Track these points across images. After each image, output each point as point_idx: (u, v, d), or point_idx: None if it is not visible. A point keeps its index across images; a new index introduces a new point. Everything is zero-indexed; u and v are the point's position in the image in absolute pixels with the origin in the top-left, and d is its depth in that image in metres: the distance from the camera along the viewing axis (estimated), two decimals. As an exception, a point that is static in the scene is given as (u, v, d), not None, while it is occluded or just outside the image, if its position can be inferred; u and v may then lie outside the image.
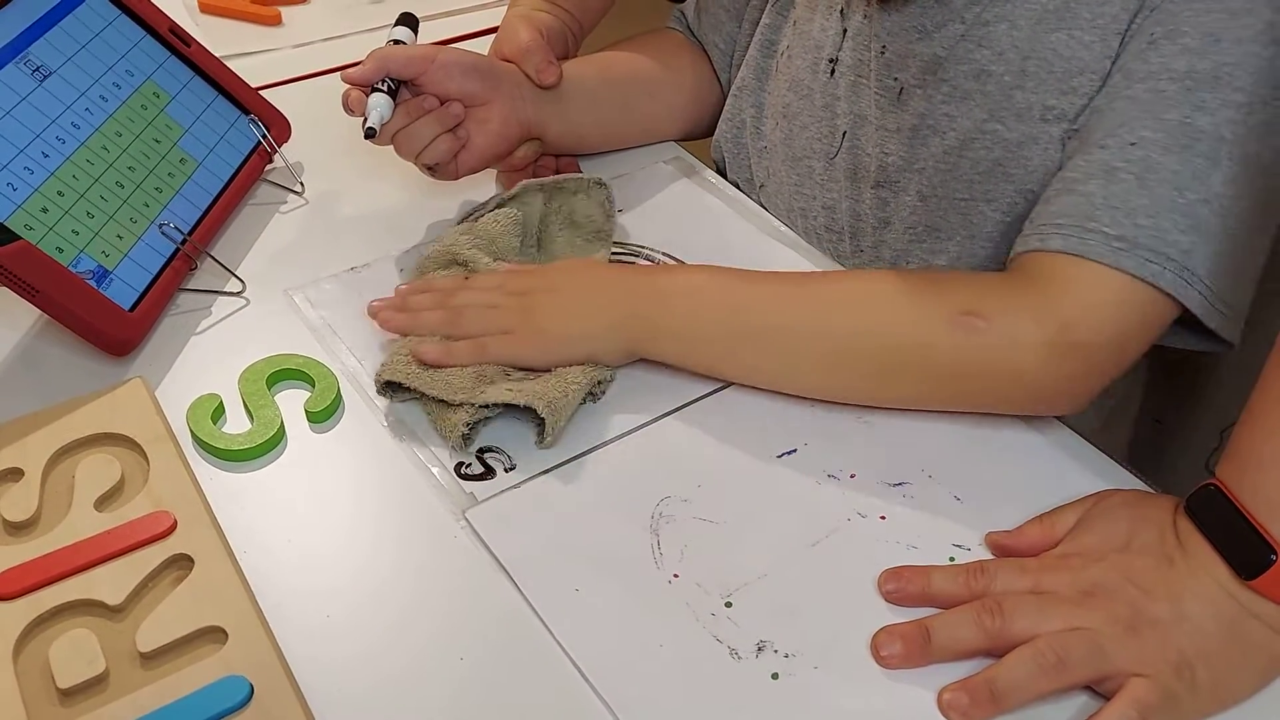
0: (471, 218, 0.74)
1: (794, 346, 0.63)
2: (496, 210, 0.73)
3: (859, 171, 0.75)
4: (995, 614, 0.50)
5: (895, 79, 0.71)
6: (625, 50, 0.87)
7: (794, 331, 0.62)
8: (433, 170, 0.74)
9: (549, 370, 0.63)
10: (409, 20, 0.78)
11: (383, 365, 0.63)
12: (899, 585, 0.54)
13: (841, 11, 0.75)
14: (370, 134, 0.69)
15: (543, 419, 0.60)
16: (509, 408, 0.61)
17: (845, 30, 0.74)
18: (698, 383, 0.65)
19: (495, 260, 0.70)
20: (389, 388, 0.63)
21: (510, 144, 0.77)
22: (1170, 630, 0.49)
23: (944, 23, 0.67)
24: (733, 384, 0.65)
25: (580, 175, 0.76)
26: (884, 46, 0.71)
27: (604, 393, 0.64)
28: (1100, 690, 0.50)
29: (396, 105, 0.71)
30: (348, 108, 0.71)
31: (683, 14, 0.91)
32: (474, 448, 0.61)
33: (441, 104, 0.73)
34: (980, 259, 0.70)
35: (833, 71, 0.75)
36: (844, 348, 0.62)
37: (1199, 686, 0.48)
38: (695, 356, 0.64)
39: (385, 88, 0.71)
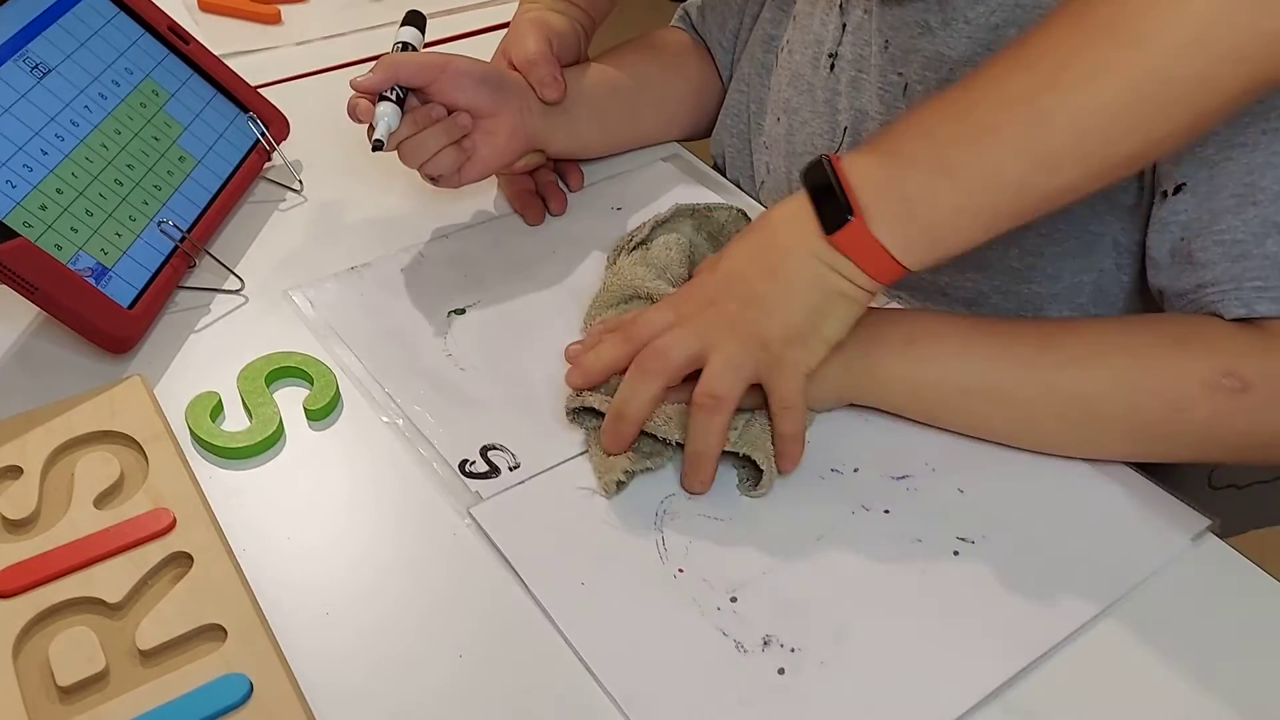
0: (638, 246, 0.71)
1: (1028, 405, 0.59)
2: (664, 237, 0.70)
3: None
4: (632, 341, 0.59)
5: (899, 74, 0.70)
6: (631, 54, 0.86)
7: (1029, 389, 0.59)
8: (435, 180, 0.74)
9: (751, 410, 0.60)
10: (416, 19, 0.77)
11: (577, 392, 0.61)
12: (579, 371, 0.61)
13: (841, 6, 0.75)
14: (378, 146, 0.68)
15: (750, 464, 0.58)
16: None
17: (845, 25, 0.74)
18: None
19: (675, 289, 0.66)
20: (583, 414, 0.61)
21: (515, 155, 0.76)
22: (772, 311, 0.57)
23: (948, 21, 0.67)
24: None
25: (725, 204, 0.74)
26: (887, 41, 0.70)
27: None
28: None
29: (404, 113, 0.70)
30: (355, 116, 0.70)
31: (686, 13, 0.91)
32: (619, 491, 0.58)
33: (449, 113, 0.72)
34: (988, 259, 0.69)
35: (833, 66, 0.75)
36: (1087, 410, 0.58)
37: (806, 343, 0.57)
38: (916, 406, 0.61)
39: (394, 96, 0.69)
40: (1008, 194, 0.54)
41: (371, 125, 0.68)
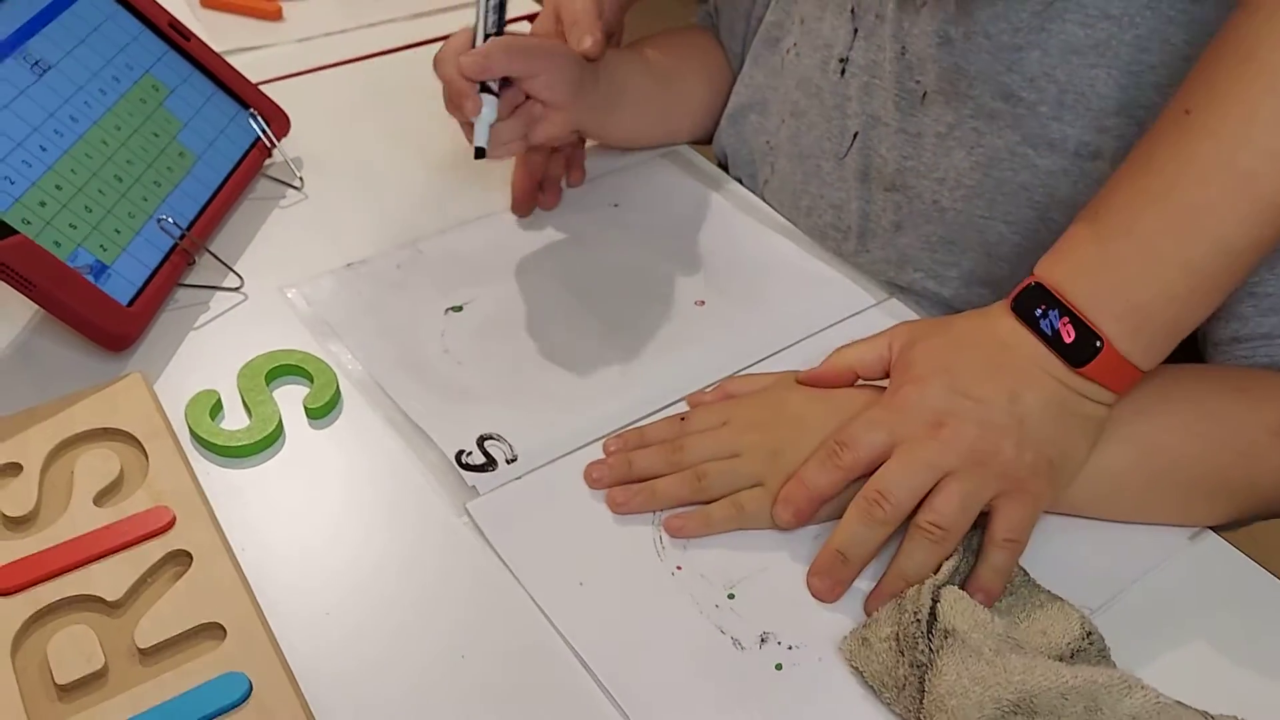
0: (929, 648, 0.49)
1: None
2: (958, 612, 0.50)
3: (870, 172, 0.74)
4: (845, 469, 0.55)
5: (917, 81, 0.69)
6: (661, 51, 0.85)
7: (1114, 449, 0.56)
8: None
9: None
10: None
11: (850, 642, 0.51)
12: (787, 506, 0.56)
13: (852, 11, 0.74)
14: (480, 154, 0.63)
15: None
16: None
17: (856, 30, 0.73)
18: (697, 374, 0.65)
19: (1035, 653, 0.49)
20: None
21: (557, 142, 0.76)
22: (1019, 439, 0.53)
23: (969, 34, 0.65)
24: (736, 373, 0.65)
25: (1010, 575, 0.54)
26: (904, 48, 0.69)
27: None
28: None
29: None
30: (461, 110, 0.65)
31: (709, 13, 0.90)
32: None
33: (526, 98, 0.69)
34: (997, 277, 0.69)
35: (843, 72, 0.74)
36: (1168, 463, 0.56)
37: (1054, 473, 0.54)
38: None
39: (495, 87, 0.63)
40: (1242, 259, 0.52)
41: (468, 122, 0.64)
